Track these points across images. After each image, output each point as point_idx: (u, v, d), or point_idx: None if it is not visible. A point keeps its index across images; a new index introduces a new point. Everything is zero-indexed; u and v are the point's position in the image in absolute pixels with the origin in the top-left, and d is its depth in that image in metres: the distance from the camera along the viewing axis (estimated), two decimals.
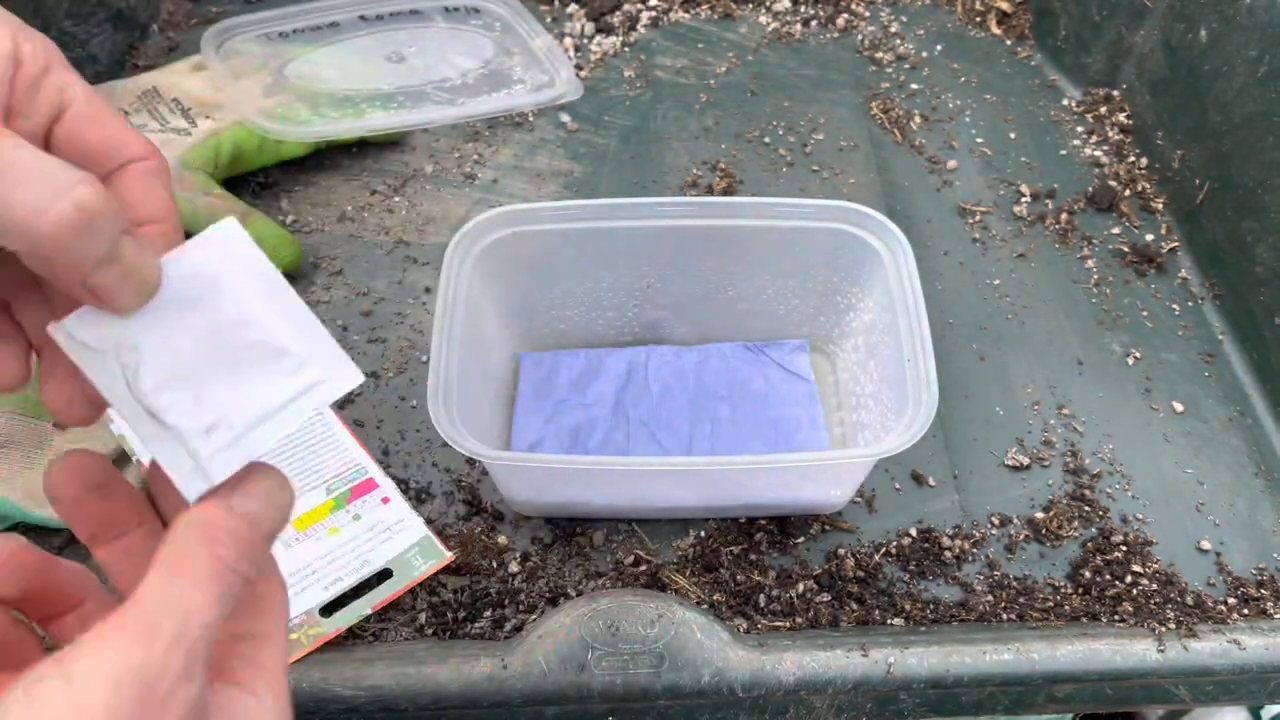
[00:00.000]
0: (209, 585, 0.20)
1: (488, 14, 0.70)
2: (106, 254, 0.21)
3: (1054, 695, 0.39)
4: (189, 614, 0.19)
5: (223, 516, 0.22)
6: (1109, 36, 0.65)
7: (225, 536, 0.21)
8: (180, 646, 0.19)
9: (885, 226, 0.43)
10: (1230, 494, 0.47)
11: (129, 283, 0.22)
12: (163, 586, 0.20)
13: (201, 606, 0.20)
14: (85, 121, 0.23)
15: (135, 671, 0.18)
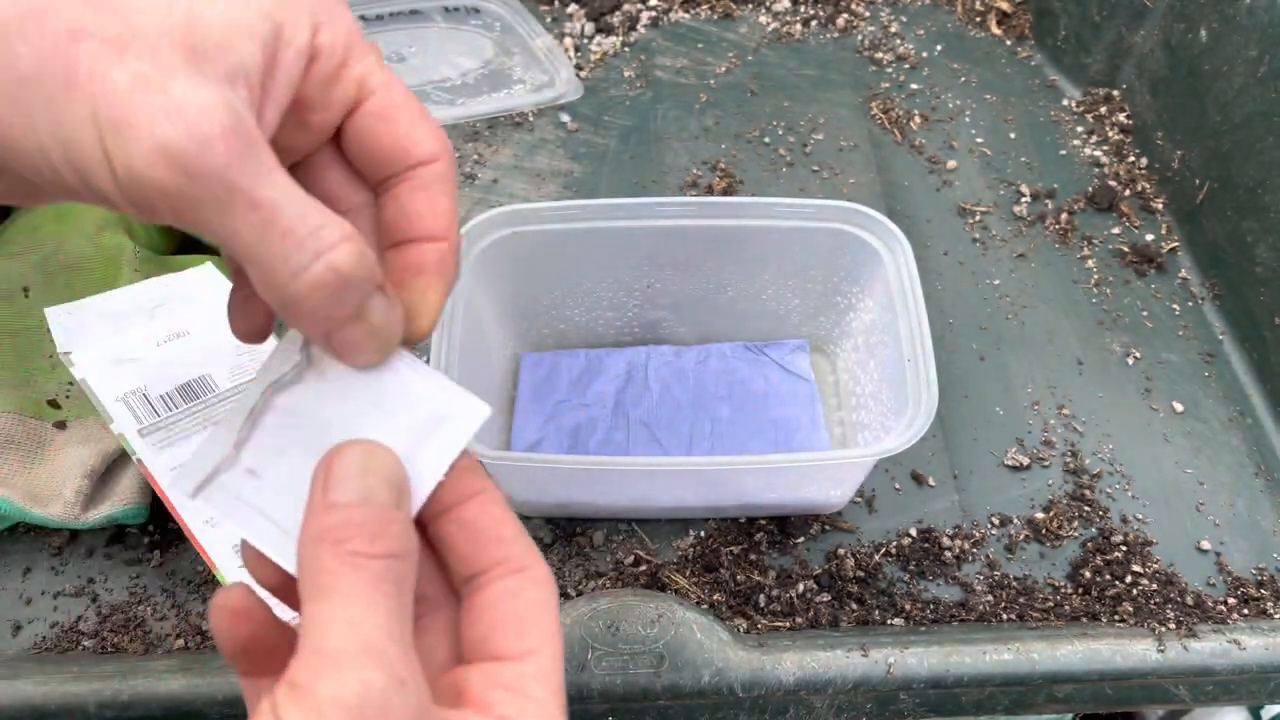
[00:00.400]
0: (360, 589, 0.19)
1: (487, 14, 0.70)
2: (355, 313, 0.21)
3: (1054, 695, 0.39)
4: (359, 627, 0.18)
5: (330, 515, 0.20)
6: (1109, 36, 0.65)
7: (345, 530, 0.19)
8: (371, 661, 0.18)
9: (885, 226, 0.43)
10: (1230, 494, 0.47)
11: (372, 342, 0.21)
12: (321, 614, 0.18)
13: (367, 614, 0.18)
14: (378, 120, 0.22)
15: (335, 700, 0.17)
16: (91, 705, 0.36)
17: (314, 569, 0.19)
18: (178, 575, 0.42)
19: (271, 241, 0.19)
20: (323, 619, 0.18)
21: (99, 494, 0.42)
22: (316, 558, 0.19)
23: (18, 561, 0.42)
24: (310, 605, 0.19)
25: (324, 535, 0.19)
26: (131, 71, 0.18)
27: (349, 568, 0.19)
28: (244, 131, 0.18)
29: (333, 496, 0.20)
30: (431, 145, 0.23)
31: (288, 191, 0.19)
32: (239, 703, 0.37)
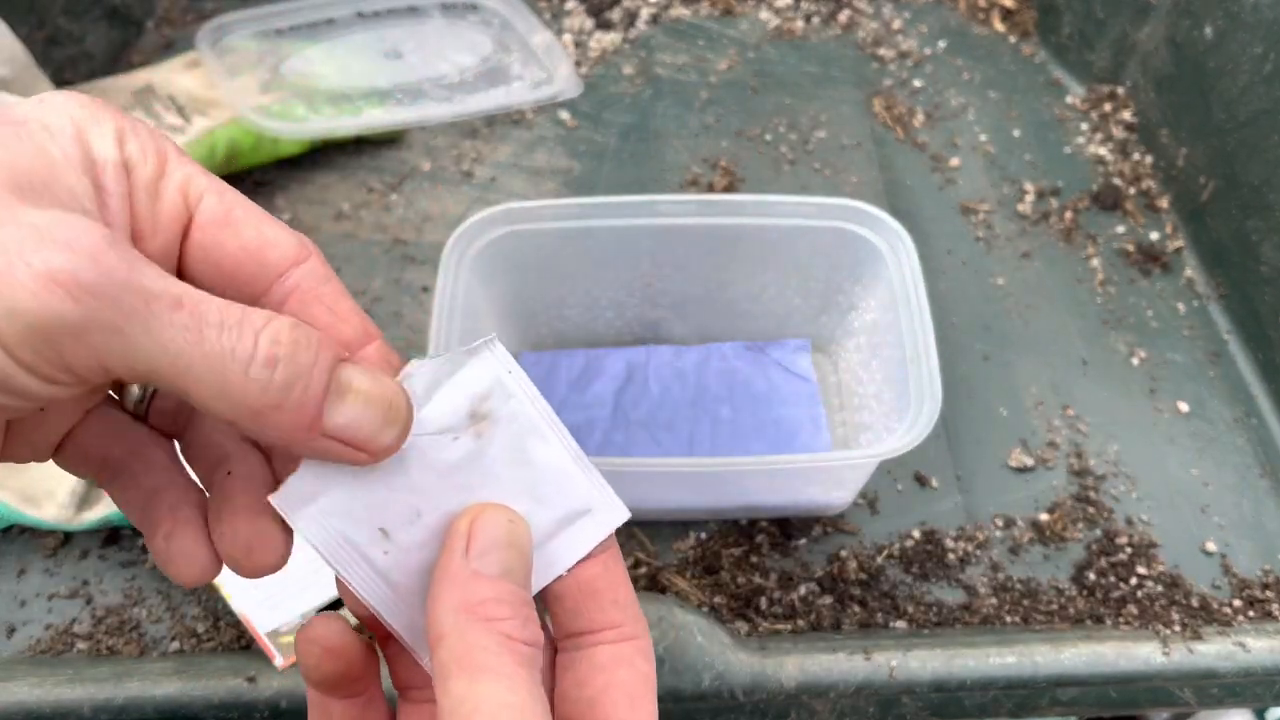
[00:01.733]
0: (518, 674, 0.18)
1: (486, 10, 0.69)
2: (333, 387, 0.18)
3: (1058, 698, 0.39)
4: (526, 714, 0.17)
5: (481, 586, 0.19)
6: (1113, 33, 0.64)
7: (500, 609, 0.18)
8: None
9: (888, 225, 0.43)
10: (1236, 495, 0.46)
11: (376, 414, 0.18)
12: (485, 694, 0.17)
13: (529, 703, 0.18)
14: (218, 228, 0.19)
15: None
16: (86, 708, 0.36)
17: (464, 644, 0.18)
18: None
19: (209, 340, 0.16)
20: (489, 701, 0.17)
21: (93, 495, 0.42)
22: (467, 632, 0.18)
23: (12, 563, 0.42)
24: (459, 683, 0.18)
25: (475, 610, 0.18)
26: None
27: (507, 651, 0.18)
28: (123, 241, 0.16)
29: (476, 565, 0.19)
30: (289, 243, 0.19)
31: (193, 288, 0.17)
32: (234, 706, 0.37)
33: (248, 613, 0.38)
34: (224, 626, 0.40)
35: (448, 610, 0.19)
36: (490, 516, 0.20)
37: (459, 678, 0.18)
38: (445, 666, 0.18)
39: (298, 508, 0.19)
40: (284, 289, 0.19)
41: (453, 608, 0.19)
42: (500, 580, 0.19)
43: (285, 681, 0.37)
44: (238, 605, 0.38)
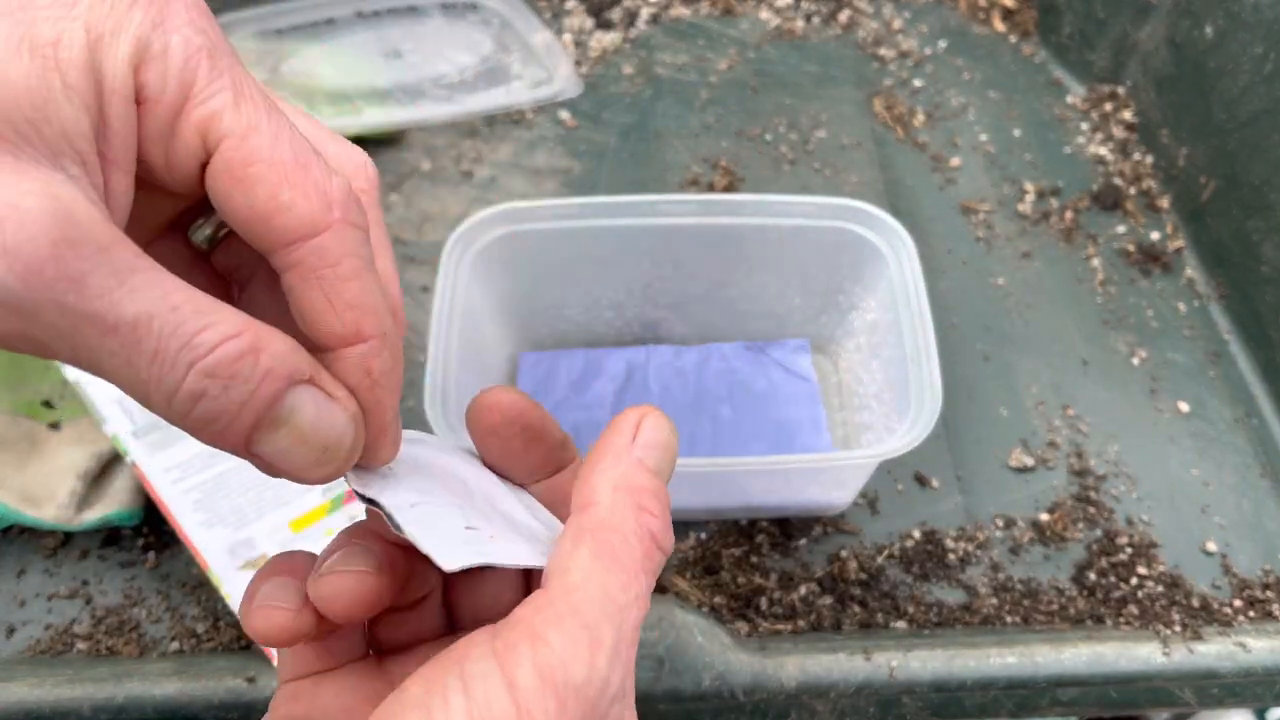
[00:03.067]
0: (644, 575, 0.18)
1: (486, 10, 0.69)
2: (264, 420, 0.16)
3: (1058, 699, 0.39)
4: (626, 616, 0.17)
5: (643, 475, 0.18)
6: (1114, 33, 0.64)
7: (654, 503, 0.18)
8: (620, 658, 0.17)
9: (888, 225, 0.43)
10: (1236, 495, 0.46)
11: (308, 452, 0.17)
12: (599, 578, 0.17)
13: (635, 605, 0.17)
14: (229, 182, 0.17)
15: (579, 690, 0.16)
16: (86, 708, 0.36)
17: (611, 519, 0.18)
18: (172, 578, 0.42)
19: (138, 369, 0.15)
20: (596, 585, 0.17)
21: (93, 496, 0.41)
22: (620, 511, 0.18)
23: (11, 563, 0.42)
24: (584, 553, 0.17)
25: (634, 493, 0.18)
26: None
27: (642, 547, 0.18)
28: (80, 236, 0.14)
29: (640, 454, 0.19)
30: (305, 211, 0.17)
31: (155, 296, 0.15)
32: (234, 706, 0.37)
33: None
34: (224, 626, 0.40)
35: (606, 482, 0.18)
36: (659, 417, 0.20)
37: (586, 546, 0.18)
38: (581, 531, 0.18)
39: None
40: (289, 259, 0.17)
41: (612, 482, 0.18)
42: (656, 477, 0.19)
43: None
44: (237, 606, 0.38)
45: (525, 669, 0.16)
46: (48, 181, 0.15)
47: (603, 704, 0.17)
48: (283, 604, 0.19)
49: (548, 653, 0.17)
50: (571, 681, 0.16)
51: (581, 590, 0.17)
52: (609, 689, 0.17)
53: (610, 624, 0.17)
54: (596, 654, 0.17)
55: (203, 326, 0.15)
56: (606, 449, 0.19)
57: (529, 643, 0.17)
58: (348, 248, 0.17)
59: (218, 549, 0.39)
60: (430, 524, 0.19)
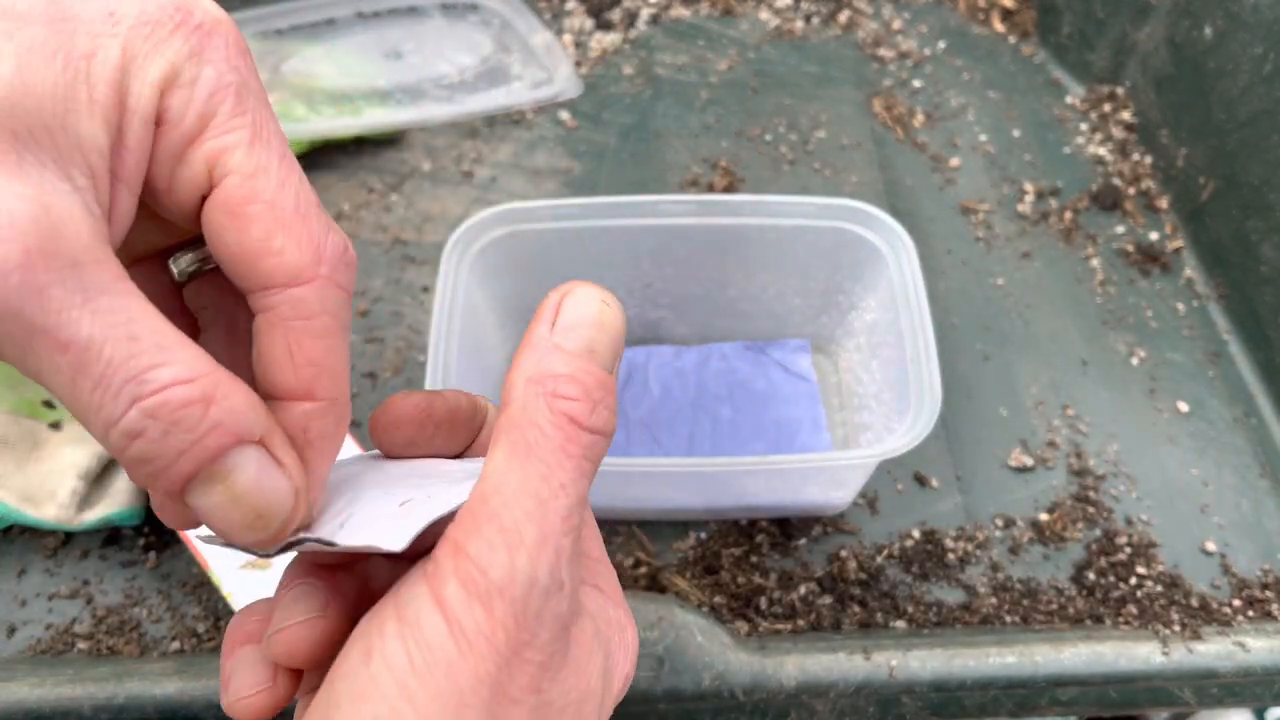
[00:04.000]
0: (566, 461, 0.17)
1: (486, 10, 0.69)
2: (203, 472, 0.16)
3: (1058, 698, 0.39)
4: (548, 507, 0.17)
5: (557, 360, 0.18)
6: (1113, 33, 0.64)
7: (570, 387, 0.17)
8: (546, 551, 0.17)
9: (888, 225, 0.43)
10: (1235, 495, 0.46)
11: (238, 514, 0.17)
12: (514, 476, 0.17)
13: (559, 495, 0.17)
14: (226, 217, 0.17)
15: (501, 590, 0.16)
16: (86, 708, 0.36)
17: (523, 415, 0.17)
18: (173, 577, 0.42)
19: (81, 391, 0.15)
20: (512, 484, 0.17)
21: (94, 495, 0.42)
22: (530, 403, 0.17)
23: (12, 563, 0.42)
24: (499, 454, 0.17)
25: (544, 381, 0.17)
26: None
27: (561, 434, 0.17)
28: (56, 248, 0.14)
29: (558, 338, 0.18)
30: (291, 260, 0.17)
31: (116, 322, 0.15)
32: None
33: None
34: (224, 627, 0.40)
35: (519, 376, 0.18)
36: (583, 292, 0.19)
37: (501, 448, 0.17)
38: (498, 433, 0.18)
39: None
40: (265, 302, 0.17)
41: (525, 375, 0.18)
42: (580, 357, 0.18)
43: None
44: (238, 605, 0.38)
45: (450, 583, 0.16)
46: (44, 188, 0.15)
47: (534, 600, 0.17)
48: (256, 687, 0.19)
49: (466, 561, 0.17)
50: (493, 584, 0.16)
51: (496, 493, 0.17)
52: (536, 584, 0.17)
53: (530, 520, 0.17)
54: (515, 553, 0.16)
55: (156, 363, 0.15)
56: (525, 342, 0.18)
57: (451, 557, 0.17)
58: (326, 305, 0.18)
59: (218, 549, 0.39)
60: (365, 522, 0.19)
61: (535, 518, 0.17)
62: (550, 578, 0.17)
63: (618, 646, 0.20)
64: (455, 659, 0.16)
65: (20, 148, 0.15)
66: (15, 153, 0.15)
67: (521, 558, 0.17)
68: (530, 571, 0.17)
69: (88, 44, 0.15)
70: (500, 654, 0.16)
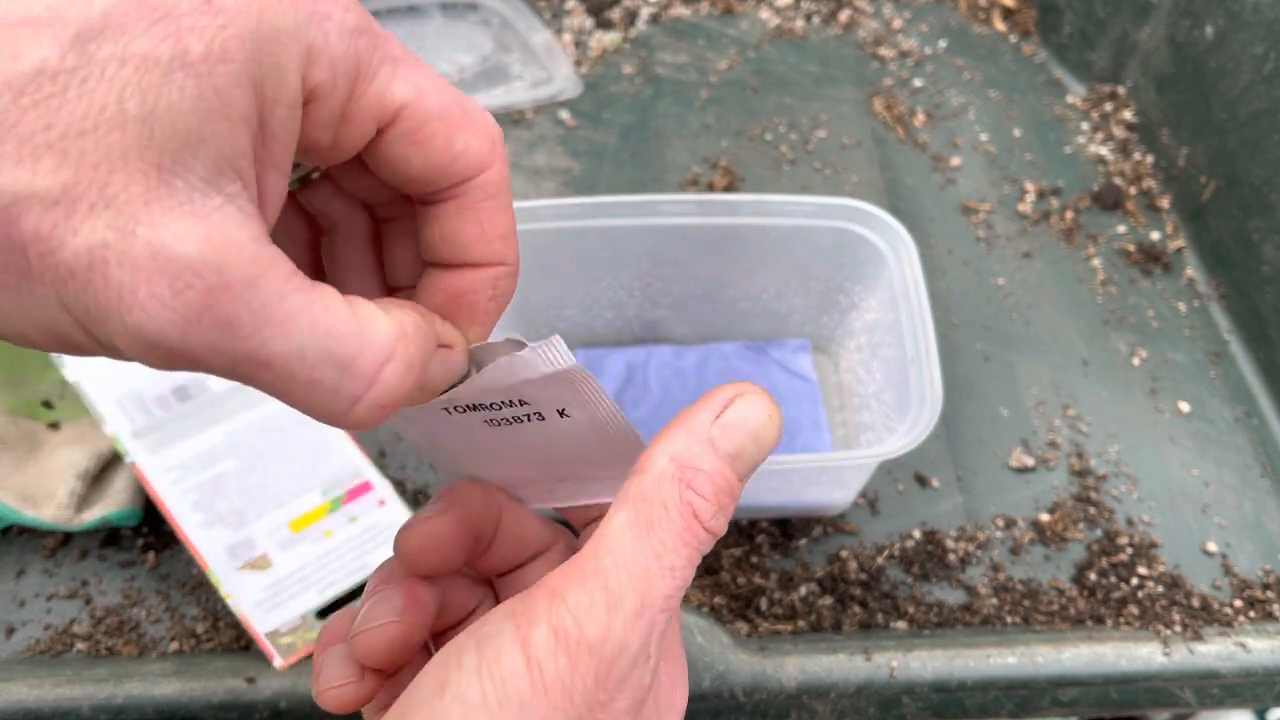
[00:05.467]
0: (683, 549, 0.18)
1: (486, 10, 0.69)
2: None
3: (1059, 699, 0.39)
4: (654, 583, 0.17)
5: (705, 457, 0.18)
6: (1114, 33, 0.64)
7: (705, 485, 0.18)
8: (641, 622, 0.17)
9: (888, 225, 0.43)
10: (1237, 495, 0.46)
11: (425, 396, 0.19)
12: (630, 545, 0.17)
13: (667, 575, 0.17)
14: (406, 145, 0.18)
15: (593, 648, 0.17)
16: (85, 708, 0.36)
17: (655, 491, 0.18)
18: (172, 578, 0.42)
19: (295, 395, 0.16)
20: (626, 552, 0.17)
21: (92, 496, 0.41)
22: (665, 484, 0.18)
23: (11, 563, 0.42)
24: (620, 519, 0.18)
25: (685, 469, 0.18)
26: (84, 243, 0.14)
27: (683, 522, 0.18)
28: (230, 278, 0.15)
29: (715, 432, 0.19)
30: (478, 153, 0.18)
31: (301, 325, 0.16)
32: (234, 706, 0.36)
33: (247, 613, 0.38)
34: (223, 627, 0.40)
35: (665, 452, 0.18)
36: (757, 400, 0.19)
37: (624, 514, 0.18)
38: (625, 497, 0.18)
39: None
40: (453, 192, 0.19)
41: (671, 453, 0.18)
42: (725, 460, 0.19)
43: (284, 682, 0.37)
44: (237, 606, 0.38)
45: (540, 627, 0.17)
46: (206, 217, 0.15)
47: (621, 665, 0.17)
48: (343, 680, 0.21)
49: (563, 610, 0.17)
50: (585, 639, 0.17)
51: (610, 555, 0.17)
52: (627, 650, 0.17)
53: (634, 588, 0.17)
54: (614, 614, 0.17)
55: (353, 353, 0.16)
56: (682, 420, 0.19)
57: (547, 601, 0.17)
58: (504, 182, 0.19)
59: (217, 549, 0.39)
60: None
61: (640, 587, 0.17)
62: (641, 648, 0.17)
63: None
64: (529, 700, 0.16)
65: (168, 177, 0.15)
66: (164, 184, 0.15)
67: (618, 620, 0.17)
68: (624, 637, 0.17)
69: (200, 45, 0.15)
70: (574, 708, 0.16)
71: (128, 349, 0.15)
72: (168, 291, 0.14)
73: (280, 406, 0.43)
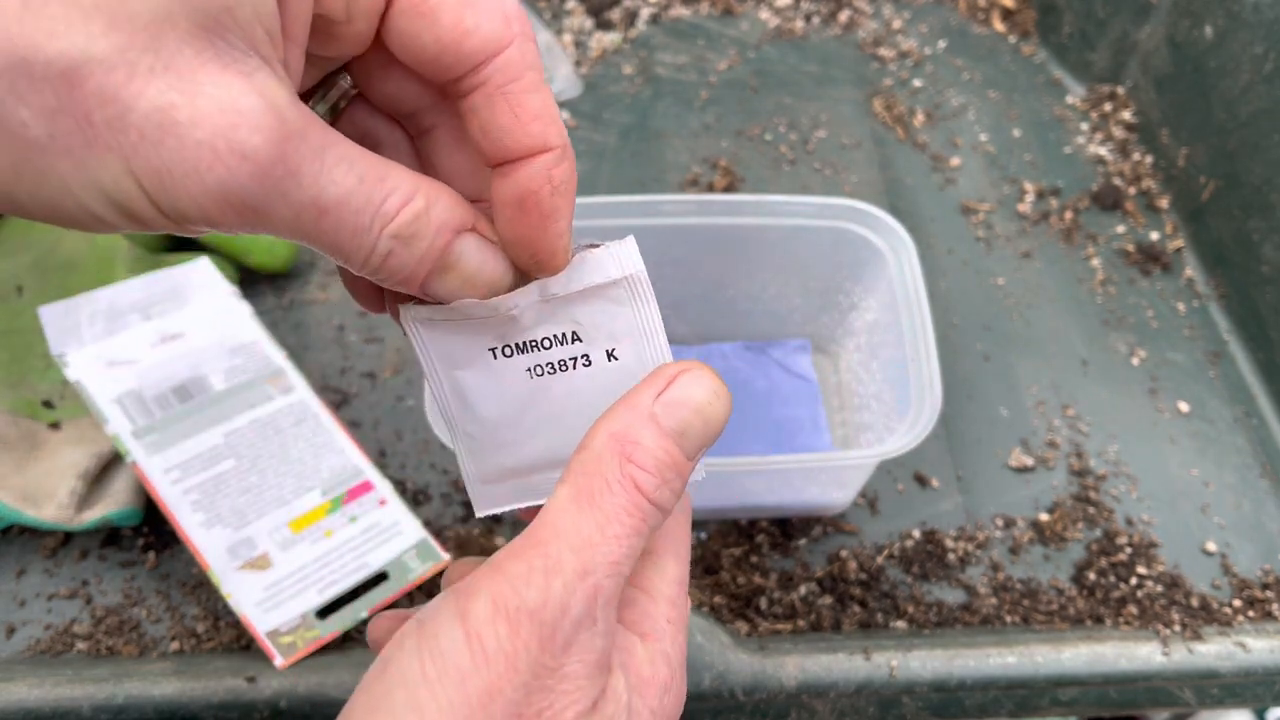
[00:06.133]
0: (624, 519, 0.18)
1: None
2: (439, 265, 0.19)
3: (1058, 699, 0.39)
4: (596, 550, 0.17)
5: (645, 432, 0.19)
6: (1113, 33, 0.64)
7: (646, 458, 0.18)
8: (584, 584, 0.17)
9: (888, 225, 0.43)
10: (1236, 495, 0.46)
11: (471, 289, 0.19)
12: (571, 517, 0.18)
13: (610, 542, 0.18)
14: (414, 18, 0.18)
15: (533, 613, 0.16)
16: (86, 708, 0.36)
17: (595, 465, 0.18)
18: (172, 577, 0.42)
19: (343, 238, 0.17)
20: (567, 523, 0.18)
21: (93, 495, 0.41)
22: (606, 458, 0.18)
23: (11, 563, 0.42)
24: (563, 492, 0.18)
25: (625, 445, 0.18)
26: (151, 105, 0.15)
27: (627, 494, 0.18)
28: (290, 128, 0.16)
29: (657, 409, 0.19)
30: (490, 30, 0.18)
31: (348, 173, 0.17)
32: (234, 706, 0.37)
33: (247, 613, 0.38)
34: (224, 626, 0.40)
35: (604, 429, 0.19)
36: (698, 376, 0.19)
37: (566, 487, 0.18)
38: (567, 472, 0.18)
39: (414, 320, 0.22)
40: (473, 81, 0.18)
41: (610, 430, 0.19)
42: (668, 437, 0.19)
43: (285, 681, 0.37)
44: (237, 605, 0.38)
45: (479, 598, 0.17)
46: (251, 76, 0.16)
47: (564, 628, 0.17)
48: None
49: (501, 580, 0.17)
50: (525, 605, 0.17)
51: (548, 526, 0.18)
52: (569, 613, 0.17)
53: (575, 554, 0.17)
54: (552, 578, 0.17)
55: (386, 194, 0.17)
56: (626, 398, 0.19)
57: (488, 575, 0.17)
58: (528, 60, 0.18)
59: (218, 549, 0.39)
60: None
61: (581, 553, 0.17)
62: (584, 610, 0.17)
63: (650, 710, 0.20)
64: (469, 670, 0.16)
65: (215, 39, 0.15)
66: (213, 47, 0.15)
67: (557, 582, 0.17)
68: (564, 598, 0.17)
69: None
70: (519, 674, 0.16)
71: (202, 208, 0.16)
72: (246, 144, 0.15)
73: (280, 406, 0.43)
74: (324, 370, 0.49)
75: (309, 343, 0.50)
